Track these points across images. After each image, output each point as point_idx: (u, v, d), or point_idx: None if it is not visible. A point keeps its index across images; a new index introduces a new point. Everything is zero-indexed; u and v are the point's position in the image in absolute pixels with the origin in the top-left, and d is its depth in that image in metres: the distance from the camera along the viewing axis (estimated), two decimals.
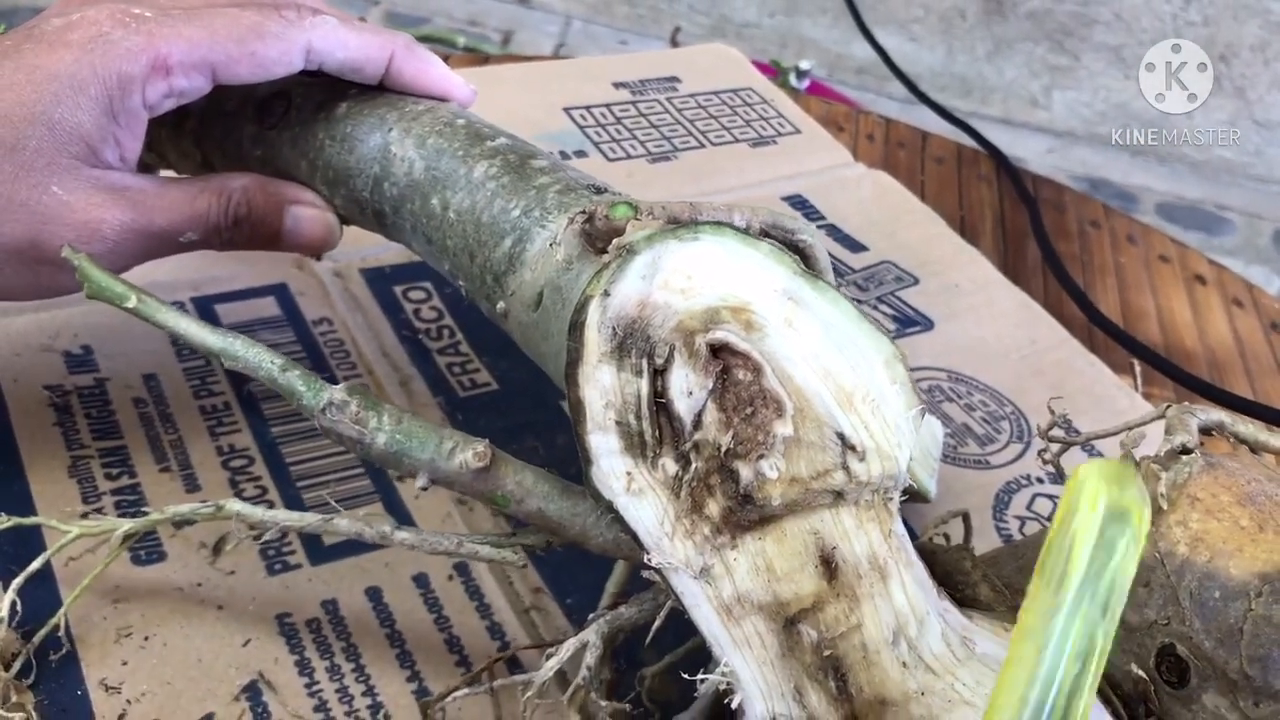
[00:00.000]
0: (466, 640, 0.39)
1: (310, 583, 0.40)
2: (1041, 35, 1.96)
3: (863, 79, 1.99)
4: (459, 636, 0.40)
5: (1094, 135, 1.99)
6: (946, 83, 1.97)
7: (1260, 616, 0.31)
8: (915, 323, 0.58)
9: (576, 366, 0.32)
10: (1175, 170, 2.05)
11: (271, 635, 0.38)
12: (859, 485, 0.31)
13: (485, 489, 0.34)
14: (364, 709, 0.37)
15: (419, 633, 0.39)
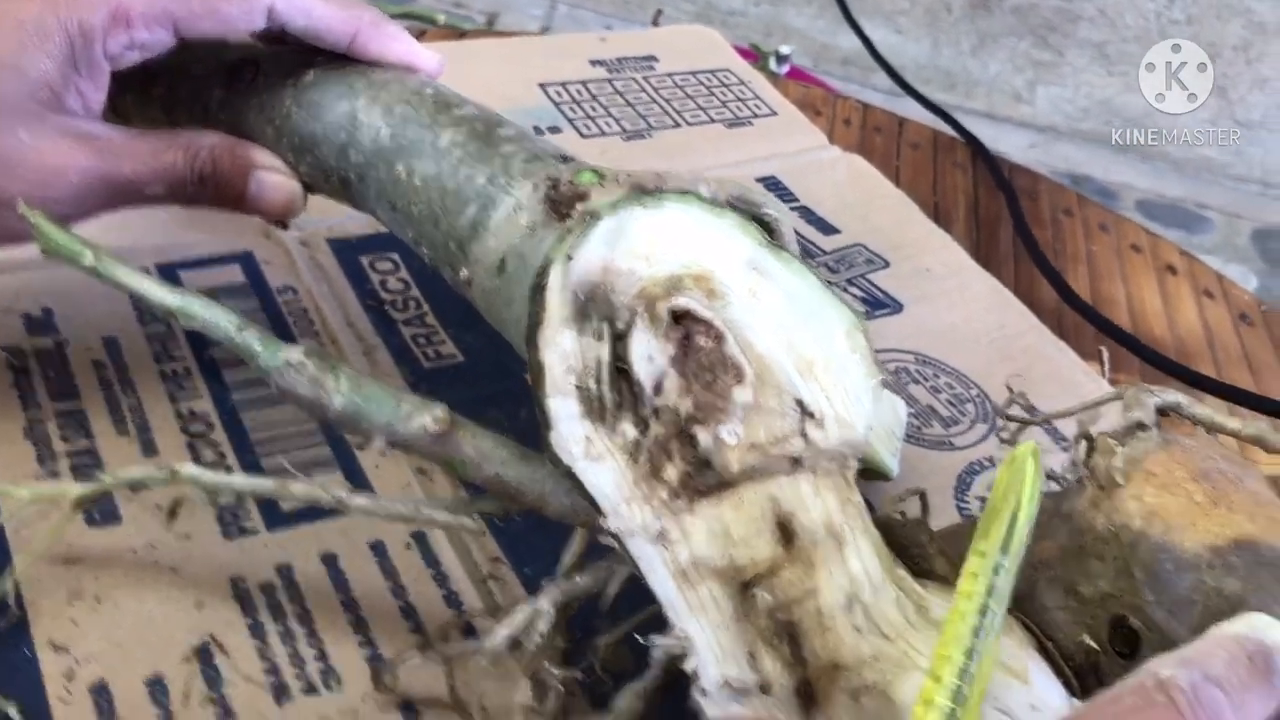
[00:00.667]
0: (422, 608, 0.40)
1: (266, 548, 0.40)
2: (1026, 30, 1.97)
3: (848, 70, 1.99)
4: (414, 604, 0.40)
5: (1076, 131, 2.01)
6: (931, 76, 1.98)
7: (1211, 588, 0.31)
8: (885, 305, 0.59)
9: (537, 330, 0.32)
10: (1157, 168, 2.06)
11: (225, 599, 0.38)
12: (817, 452, 0.32)
13: (443, 454, 0.34)
14: (315, 673, 0.37)
15: (374, 599, 0.39)
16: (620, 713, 0.34)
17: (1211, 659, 0.27)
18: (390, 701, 0.37)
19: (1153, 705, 0.25)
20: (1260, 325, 0.68)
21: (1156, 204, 2.03)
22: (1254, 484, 0.34)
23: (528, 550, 0.42)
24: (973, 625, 0.29)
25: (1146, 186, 2.03)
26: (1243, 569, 0.31)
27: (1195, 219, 2.03)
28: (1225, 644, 0.28)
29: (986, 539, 0.30)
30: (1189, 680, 0.26)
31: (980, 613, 0.29)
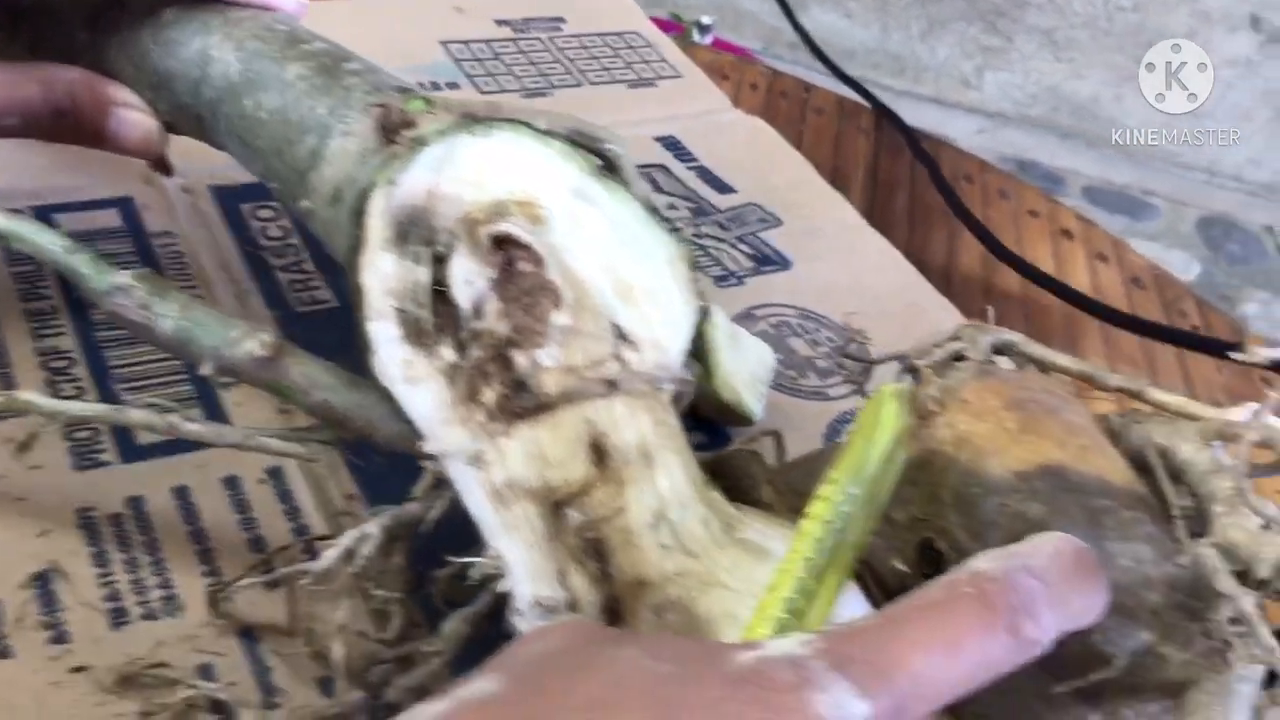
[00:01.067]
0: (272, 540, 0.40)
1: (118, 480, 0.40)
2: (975, 15, 1.97)
3: (796, 54, 1.99)
4: (263, 537, 0.40)
5: (1024, 117, 2.02)
6: (880, 60, 1.99)
7: (1014, 512, 0.32)
8: (773, 262, 0.59)
9: (358, 253, 0.32)
10: (1103, 154, 2.07)
11: (71, 528, 0.38)
12: (632, 375, 0.32)
13: (270, 379, 0.34)
14: (156, 600, 0.37)
15: (223, 532, 0.39)
16: (447, 637, 0.35)
17: (1033, 554, 0.27)
18: (228, 627, 0.37)
19: (959, 597, 0.25)
20: (1152, 289, 0.69)
21: (1103, 190, 2.04)
22: (1071, 415, 0.35)
23: (384, 487, 0.42)
24: (815, 544, 0.29)
25: (1093, 173, 2.04)
26: (1047, 494, 0.32)
27: (1140, 206, 2.05)
28: (1052, 540, 0.28)
29: (839, 467, 0.30)
30: (1002, 570, 0.26)
31: (825, 534, 0.29)
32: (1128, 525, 0.32)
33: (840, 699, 0.22)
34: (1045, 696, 0.32)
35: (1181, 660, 0.31)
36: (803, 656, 0.23)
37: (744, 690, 0.22)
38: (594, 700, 0.22)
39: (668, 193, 0.61)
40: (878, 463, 0.31)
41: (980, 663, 0.25)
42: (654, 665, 0.23)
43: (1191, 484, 0.34)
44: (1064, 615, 0.27)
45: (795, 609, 0.28)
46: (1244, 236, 1.99)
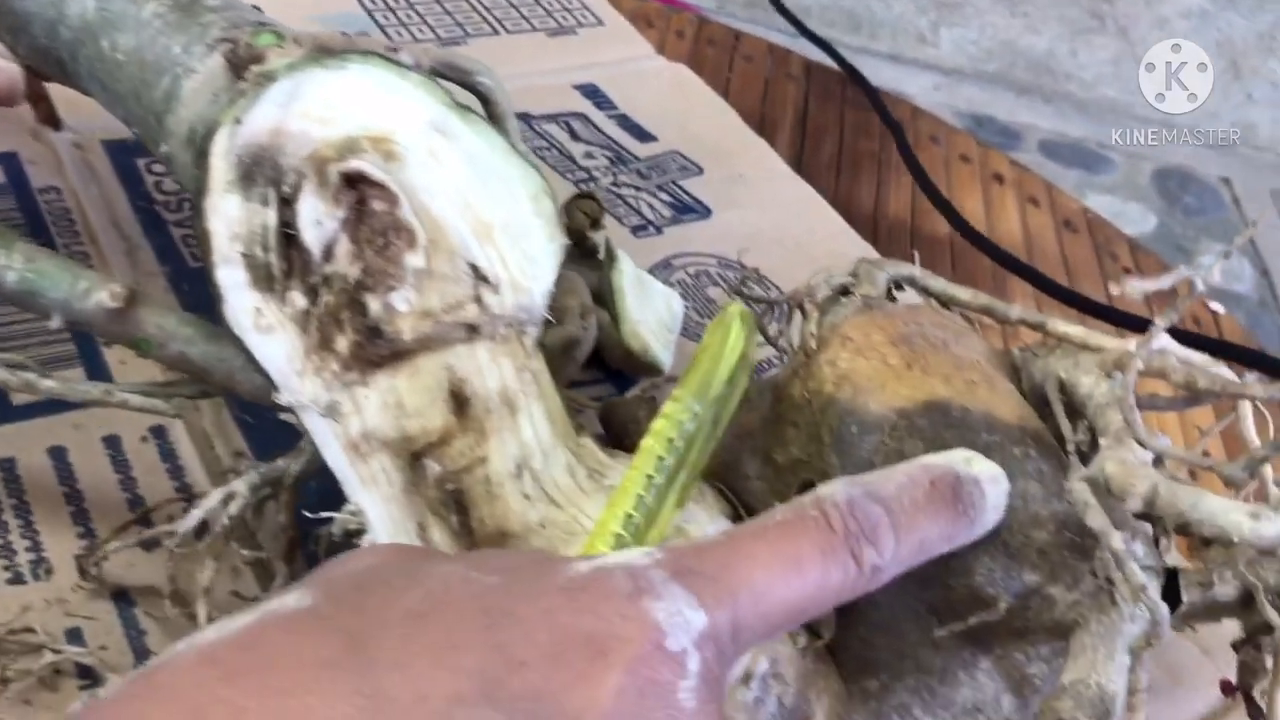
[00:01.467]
0: (152, 499, 0.38)
1: None
2: None
3: (753, 11, 1.96)
4: (143, 497, 0.38)
5: (980, 73, 1.99)
6: (835, 17, 1.96)
7: (892, 450, 0.30)
8: (693, 210, 0.57)
9: (203, 196, 0.30)
10: (1060, 109, 2.05)
11: None
12: (493, 318, 0.30)
13: (124, 332, 0.32)
14: (25, 563, 0.35)
15: (101, 493, 0.38)
16: None
17: (884, 482, 0.26)
18: (101, 590, 0.35)
19: (803, 520, 0.24)
20: (1084, 231, 0.67)
21: (1059, 144, 2.02)
22: (962, 349, 0.33)
23: (275, 445, 0.40)
24: (657, 462, 0.27)
25: (1049, 127, 2.02)
26: (929, 431, 0.30)
27: (1097, 159, 2.03)
28: (907, 468, 0.27)
29: (684, 386, 0.29)
30: (846, 496, 0.25)
31: (667, 452, 0.27)
32: (1015, 462, 0.31)
33: (677, 607, 0.21)
34: (933, 641, 0.31)
35: (1069, 601, 0.30)
36: (641, 566, 0.22)
37: (578, 599, 0.21)
38: (412, 613, 0.20)
39: (585, 141, 0.59)
40: (722, 382, 0.30)
41: (821, 585, 0.23)
42: (480, 577, 0.21)
43: (1090, 419, 0.32)
44: (912, 543, 0.25)
45: (635, 527, 0.26)
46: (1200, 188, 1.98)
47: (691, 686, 0.21)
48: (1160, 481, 0.26)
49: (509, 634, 0.20)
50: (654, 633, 0.20)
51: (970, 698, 0.31)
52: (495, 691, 0.19)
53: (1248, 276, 1.72)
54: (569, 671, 0.20)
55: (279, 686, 0.18)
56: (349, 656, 0.19)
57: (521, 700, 0.19)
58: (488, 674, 0.19)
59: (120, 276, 0.45)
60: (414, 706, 0.18)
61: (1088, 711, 0.28)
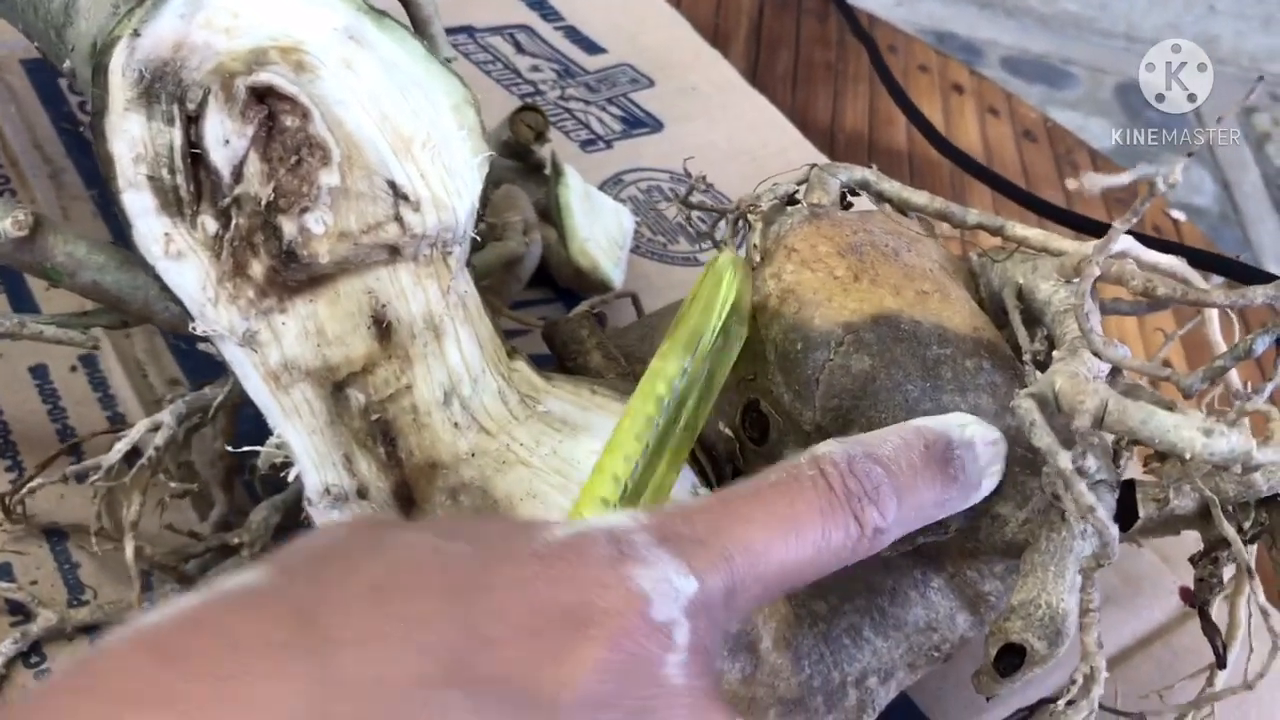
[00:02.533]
0: (82, 430, 0.36)
1: None
2: None
3: None
4: (74, 427, 0.36)
5: None
6: None
7: (838, 366, 0.28)
8: (644, 124, 0.54)
9: (103, 117, 0.27)
10: (1022, 24, 2.01)
11: None
12: (415, 239, 0.28)
13: (31, 260, 0.30)
14: None
15: (28, 424, 0.35)
16: (254, 526, 0.31)
17: (881, 443, 0.24)
18: (32, 526, 0.33)
19: (799, 480, 0.22)
20: (1044, 141, 0.64)
21: (1021, 60, 1.98)
22: (915, 258, 0.31)
23: (211, 371, 0.38)
24: (644, 420, 0.25)
25: (1011, 43, 1.97)
26: (876, 345, 0.28)
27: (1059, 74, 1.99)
28: (901, 431, 0.25)
29: (673, 339, 0.26)
30: (845, 455, 0.23)
31: (656, 410, 0.25)
32: (967, 375, 0.29)
33: (664, 574, 0.19)
34: (883, 561, 0.29)
35: (1020, 520, 0.28)
36: (624, 530, 0.19)
37: (554, 567, 0.18)
38: (373, 586, 0.18)
39: (531, 54, 0.56)
40: (714, 335, 0.27)
41: (820, 547, 0.21)
42: (449, 546, 0.19)
43: (1048, 327, 0.30)
44: (912, 508, 0.23)
45: (625, 491, 0.24)
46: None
47: (680, 661, 0.18)
48: (1111, 398, 0.25)
49: (478, 608, 0.17)
50: (639, 602, 0.18)
51: (923, 616, 0.30)
52: (460, 673, 0.17)
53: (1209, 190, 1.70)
54: (543, 649, 0.17)
55: (222, 671, 0.16)
56: (301, 636, 0.17)
57: (489, 683, 0.17)
58: (453, 653, 0.17)
59: (44, 201, 0.42)
60: (369, 690, 0.16)
61: (1037, 632, 0.26)
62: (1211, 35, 1.89)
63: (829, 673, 0.28)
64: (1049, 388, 0.25)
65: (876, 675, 0.29)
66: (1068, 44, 1.99)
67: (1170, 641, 0.39)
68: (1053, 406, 0.25)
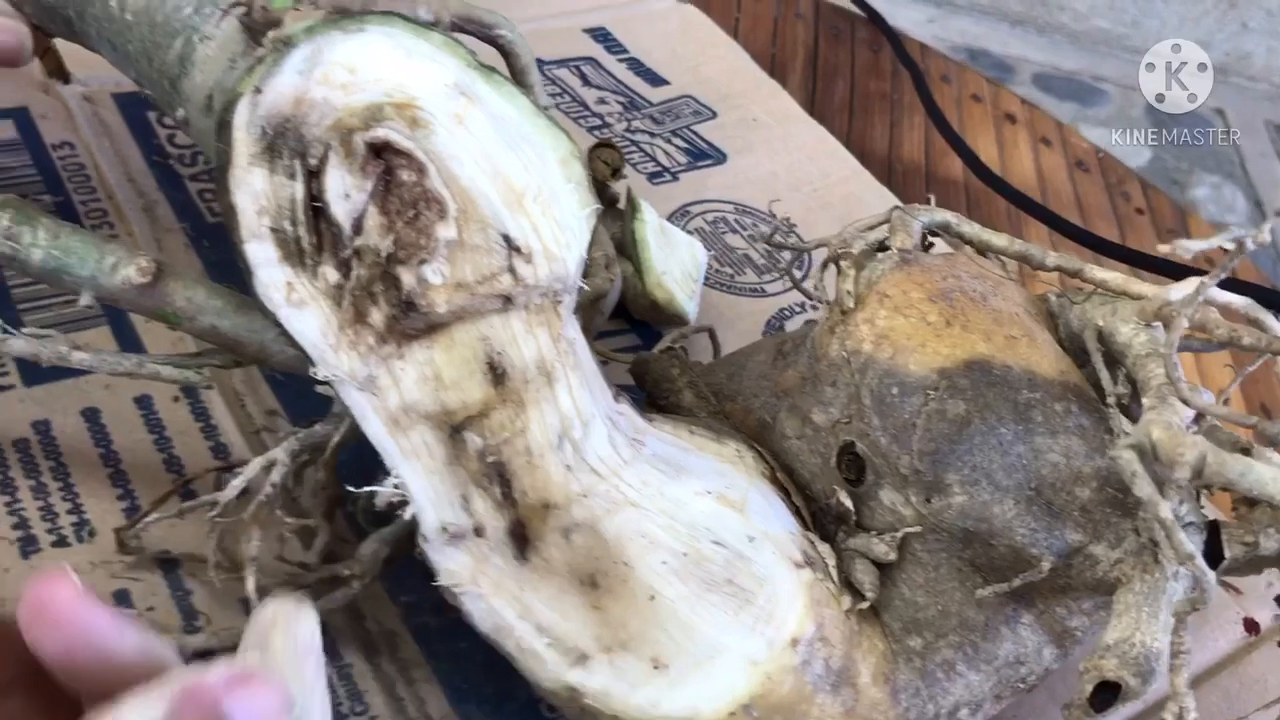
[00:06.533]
0: (187, 461, 0.37)
1: (22, 404, 0.37)
2: None
3: None
4: (179, 457, 0.37)
5: (974, 5, 1.94)
6: None
7: (934, 411, 0.29)
8: (708, 156, 0.55)
9: (227, 170, 0.28)
10: (1054, 41, 2.01)
11: None
12: (527, 289, 0.29)
13: (153, 306, 0.31)
14: (68, 526, 0.34)
15: (136, 454, 0.36)
16: (364, 558, 0.32)
17: None
18: (145, 555, 0.34)
19: None
20: (1096, 172, 0.65)
21: (1053, 77, 1.98)
22: (1001, 302, 0.32)
23: (307, 402, 0.39)
24: None
25: (1042, 60, 1.97)
26: (970, 390, 0.29)
27: (1090, 91, 1.99)
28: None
29: None
30: None
31: None
32: (1057, 418, 0.29)
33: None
34: (976, 599, 0.30)
35: (1112, 560, 0.29)
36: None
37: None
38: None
39: (597, 86, 0.57)
40: None
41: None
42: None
43: (1129, 369, 0.31)
44: None
45: None
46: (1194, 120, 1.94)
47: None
48: (1209, 451, 0.25)
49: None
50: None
51: (1012, 651, 0.30)
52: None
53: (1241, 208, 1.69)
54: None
55: None
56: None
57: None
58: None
59: (139, 233, 0.44)
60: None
61: (1131, 670, 0.27)
62: (1244, 52, 1.88)
63: (924, 705, 0.29)
64: (1145, 438, 0.26)
65: (968, 707, 0.30)
66: (1099, 61, 1.99)
67: (1237, 672, 0.39)
68: (1150, 456, 0.26)
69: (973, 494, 0.29)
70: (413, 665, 0.33)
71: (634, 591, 0.28)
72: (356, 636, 0.34)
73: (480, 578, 0.28)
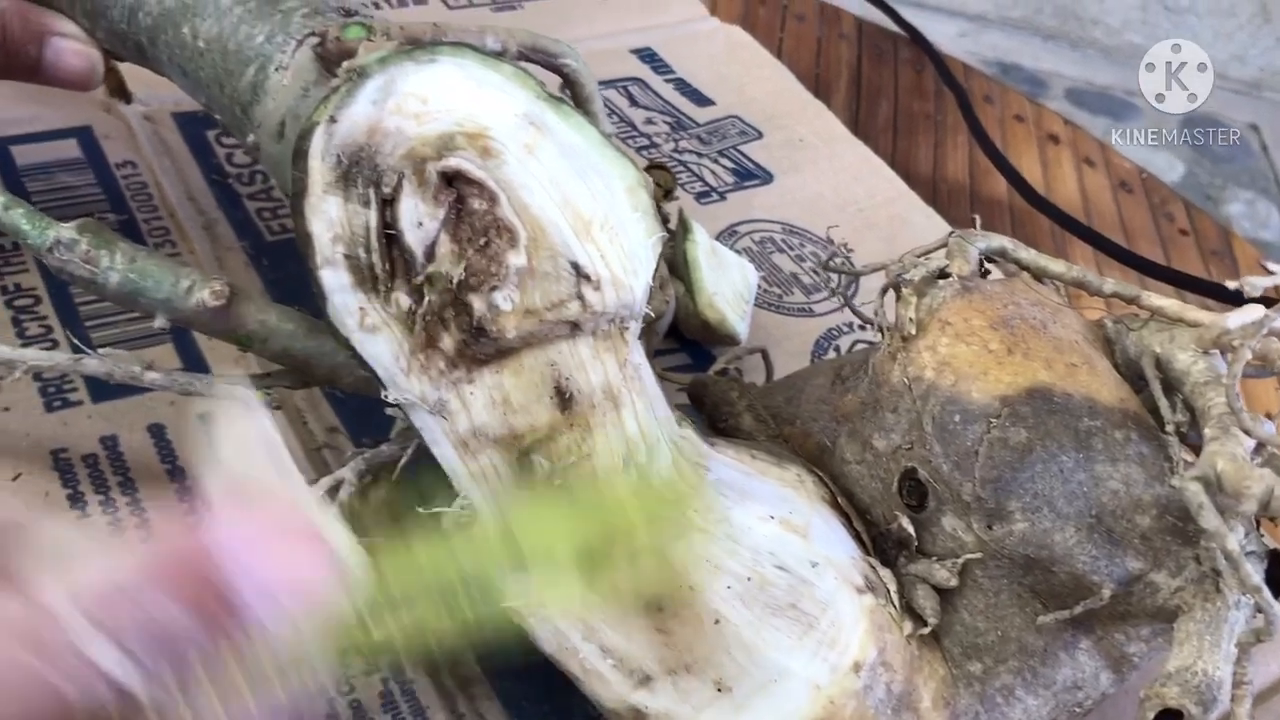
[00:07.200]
0: None
1: (90, 420, 0.37)
2: None
3: None
4: None
5: (1006, 19, 1.94)
6: None
7: (996, 439, 0.29)
8: (755, 176, 0.55)
9: (302, 198, 0.29)
10: (1086, 55, 2.00)
11: (44, 470, 0.36)
12: (594, 315, 0.29)
13: (227, 328, 0.31)
14: (136, 540, 0.34)
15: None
16: None
17: None
18: None
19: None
20: (1140, 193, 0.65)
21: (1085, 91, 1.97)
22: (1061, 330, 0.32)
23: (367, 420, 0.40)
24: None
25: (1075, 74, 1.97)
26: (1032, 418, 0.29)
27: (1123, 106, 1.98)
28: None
29: None
30: None
31: None
32: (1117, 446, 0.30)
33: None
34: (1036, 624, 0.30)
35: (1173, 588, 0.29)
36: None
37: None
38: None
39: (645, 107, 0.57)
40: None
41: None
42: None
43: (1187, 396, 0.31)
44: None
45: None
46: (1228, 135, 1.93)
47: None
48: (1277, 484, 0.25)
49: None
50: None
51: (1070, 676, 0.30)
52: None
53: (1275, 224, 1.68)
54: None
55: None
56: None
57: None
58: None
59: (201, 251, 0.44)
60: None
61: (1194, 699, 0.27)
62: (1278, 67, 1.87)
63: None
64: (1211, 469, 0.26)
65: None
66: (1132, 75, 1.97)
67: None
68: (1215, 487, 0.26)
69: (1034, 521, 0.29)
70: (473, 682, 0.34)
71: (699, 615, 0.28)
72: (421, 654, 0.34)
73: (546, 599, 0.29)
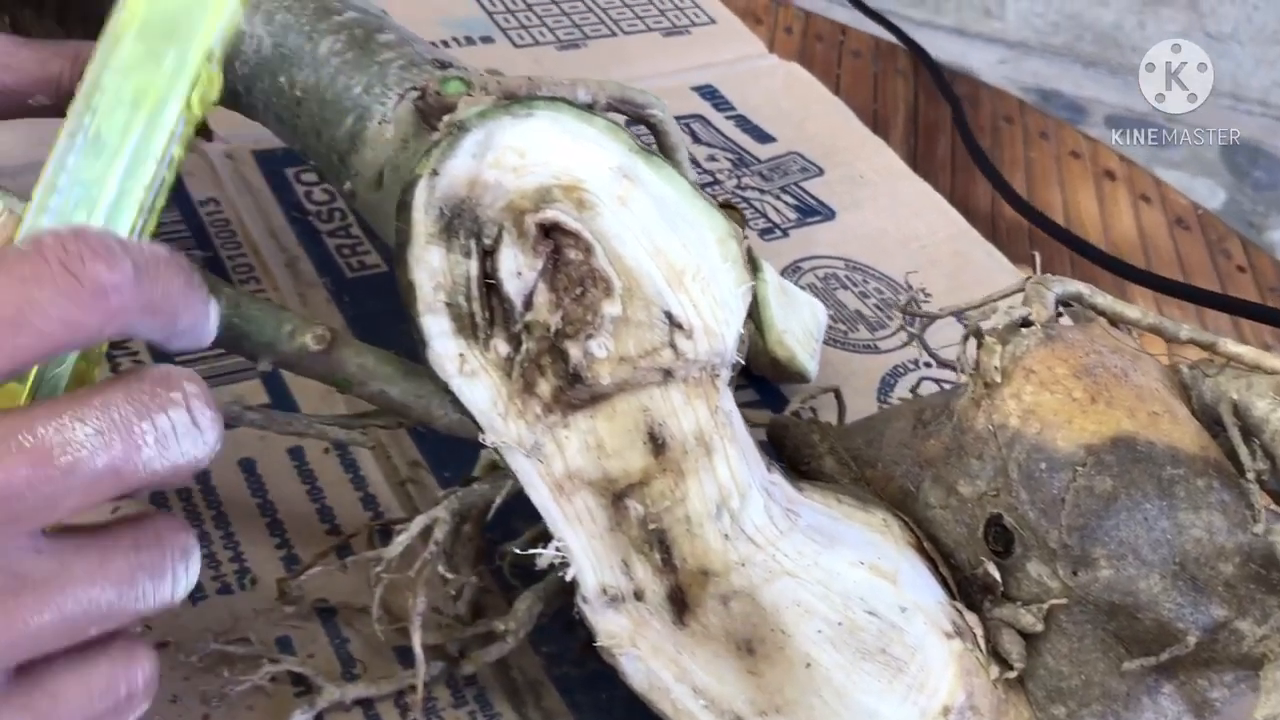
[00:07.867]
0: (339, 511, 0.38)
1: None
2: None
3: None
4: (331, 507, 0.38)
5: (1046, 46, 1.94)
6: None
7: (1082, 487, 0.29)
8: (817, 213, 0.56)
9: (405, 248, 0.30)
10: (1126, 82, 1.99)
11: (139, 505, 0.37)
12: (687, 363, 0.30)
13: (327, 371, 0.32)
14: (230, 574, 0.36)
15: (291, 504, 0.38)
16: (519, 614, 0.33)
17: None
18: (305, 604, 0.35)
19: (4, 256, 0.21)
20: (1196, 229, 0.65)
21: (1126, 118, 1.96)
22: (1141, 377, 0.32)
23: (449, 455, 0.41)
24: (69, 137, 0.26)
25: (1116, 101, 1.96)
26: (1116, 467, 0.29)
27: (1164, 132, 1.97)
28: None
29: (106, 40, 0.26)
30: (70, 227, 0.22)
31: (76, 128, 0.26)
32: (1200, 494, 0.30)
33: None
34: (1119, 670, 0.30)
35: (1257, 636, 0.29)
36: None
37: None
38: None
39: (707, 143, 0.58)
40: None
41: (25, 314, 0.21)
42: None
43: (1265, 444, 0.31)
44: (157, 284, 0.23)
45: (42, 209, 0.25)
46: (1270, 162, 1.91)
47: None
48: None
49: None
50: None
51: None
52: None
53: None
54: None
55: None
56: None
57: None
58: None
59: (284, 288, 0.46)
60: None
61: None
62: None
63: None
64: None
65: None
66: None
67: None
68: None
69: (1119, 568, 0.29)
70: (557, 715, 0.34)
71: (790, 658, 0.29)
72: (503, 686, 0.35)
73: (639, 639, 0.29)
